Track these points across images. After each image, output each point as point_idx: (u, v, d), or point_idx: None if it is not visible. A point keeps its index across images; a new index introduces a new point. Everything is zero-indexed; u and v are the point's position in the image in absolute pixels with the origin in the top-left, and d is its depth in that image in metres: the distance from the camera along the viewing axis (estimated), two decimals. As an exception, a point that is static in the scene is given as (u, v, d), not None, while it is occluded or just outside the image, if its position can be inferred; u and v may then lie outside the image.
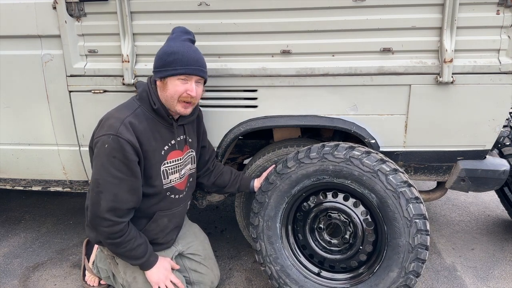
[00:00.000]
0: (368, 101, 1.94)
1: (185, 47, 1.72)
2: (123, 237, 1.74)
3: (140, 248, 1.80)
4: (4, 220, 3.09)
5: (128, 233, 1.75)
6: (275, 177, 1.94)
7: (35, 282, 2.36)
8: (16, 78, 2.13)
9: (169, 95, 1.74)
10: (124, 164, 1.68)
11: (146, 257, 1.82)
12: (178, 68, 1.69)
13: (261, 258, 2.00)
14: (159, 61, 1.73)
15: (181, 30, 1.80)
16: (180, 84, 1.72)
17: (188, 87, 1.73)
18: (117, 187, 1.69)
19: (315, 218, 2.02)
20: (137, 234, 1.80)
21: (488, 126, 1.92)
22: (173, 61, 1.69)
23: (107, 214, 1.69)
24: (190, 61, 1.70)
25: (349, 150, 1.84)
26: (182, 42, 1.74)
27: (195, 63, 1.72)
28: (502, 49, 1.80)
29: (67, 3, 1.95)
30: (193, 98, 1.75)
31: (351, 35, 1.86)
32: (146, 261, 1.83)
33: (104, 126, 1.71)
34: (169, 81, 1.72)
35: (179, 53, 1.70)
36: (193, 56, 1.72)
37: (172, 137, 1.85)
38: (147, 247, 1.84)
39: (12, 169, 2.37)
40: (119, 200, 1.70)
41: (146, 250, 1.83)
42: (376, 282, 1.85)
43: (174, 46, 1.72)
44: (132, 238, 1.77)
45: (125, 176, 1.69)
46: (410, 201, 1.77)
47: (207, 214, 3.13)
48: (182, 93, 1.73)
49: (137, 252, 1.80)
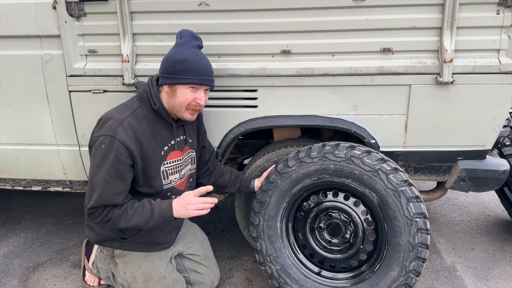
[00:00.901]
0: (368, 101, 1.94)
1: (197, 55, 1.72)
2: (114, 212, 1.71)
3: (141, 208, 1.73)
4: (4, 220, 3.09)
5: (118, 207, 1.72)
6: (276, 176, 1.94)
7: (35, 282, 2.36)
8: (16, 78, 2.13)
9: (178, 102, 1.74)
10: (114, 166, 1.67)
11: (156, 210, 1.73)
12: (190, 78, 1.70)
13: (261, 258, 2.00)
14: (169, 67, 1.72)
15: (190, 34, 1.78)
16: (190, 92, 1.73)
17: (197, 95, 1.74)
18: (103, 189, 1.68)
19: (316, 218, 2.02)
20: (131, 201, 1.75)
21: (488, 126, 1.92)
22: (185, 69, 1.69)
23: (92, 210, 1.72)
24: (201, 71, 1.71)
25: (350, 149, 1.84)
26: (192, 50, 1.73)
27: (206, 73, 1.73)
28: (502, 49, 1.81)
29: (67, 3, 1.95)
30: (202, 106, 1.78)
31: (351, 35, 1.86)
32: (160, 212, 1.74)
33: (103, 126, 1.71)
34: (178, 88, 1.73)
35: (191, 62, 1.70)
36: (205, 66, 1.73)
37: (172, 138, 1.85)
38: (150, 202, 1.76)
39: (12, 169, 2.37)
40: (103, 201, 1.69)
41: (149, 205, 1.74)
42: (376, 281, 1.86)
43: (185, 53, 1.71)
44: (125, 208, 1.72)
45: (112, 179, 1.68)
46: (410, 200, 1.77)
47: (207, 214, 3.12)
48: (191, 101, 1.74)
49: (144, 212, 1.72)
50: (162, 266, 1.93)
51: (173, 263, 2.02)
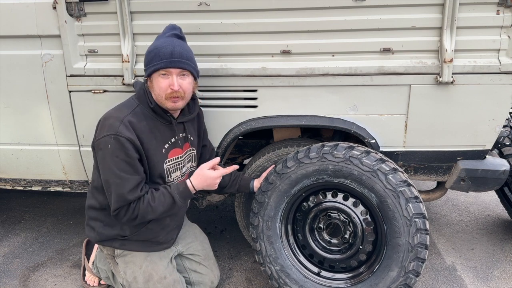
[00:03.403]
0: (368, 101, 1.94)
1: (166, 41, 1.70)
2: (139, 207, 1.73)
3: (163, 196, 1.77)
4: (4, 220, 3.09)
5: (142, 201, 1.73)
6: (275, 177, 1.94)
7: (35, 282, 2.36)
8: (16, 78, 2.13)
9: (157, 93, 1.73)
10: (126, 163, 1.69)
11: (176, 195, 1.78)
12: (157, 63, 1.67)
13: (261, 258, 2.00)
14: (144, 60, 1.75)
15: (169, 27, 1.79)
16: (162, 80, 1.69)
17: (170, 81, 1.69)
18: (121, 187, 1.69)
19: (315, 218, 2.02)
20: (149, 192, 1.77)
21: (488, 126, 1.92)
22: (153, 57, 1.69)
23: (116, 211, 1.74)
24: (168, 54, 1.66)
25: (349, 149, 1.84)
26: (165, 38, 1.73)
27: (173, 56, 1.67)
28: (502, 49, 1.80)
29: (67, 3, 1.95)
30: (178, 92, 1.70)
31: (351, 35, 1.86)
32: (180, 195, 1.79)
33: (105, 126, 1.71)
34: (153, 79, 1.72)
35: (158, 48, 1.68)
36: (172, 49, 1.67)
37: (172, 135, 1.85)
38: (167, 189, 1.79)
39: (12, 169, 2.37)
40: (124, 200, 1.70)
41: (168, 193, 1.78)
42: (376, 282, 1.86)
43: (156, 42, 1.72)
44: (147, 201, 1.74)
45: (128, 175, 1.70)
46: (409, 200, 1.77)
47: (207, 214, 3.13)
48: (166, 89, 1.70)
49: (166, 200, 1.77)
50: (163, 266, 1.94)
51: (173, 263, 2.03)
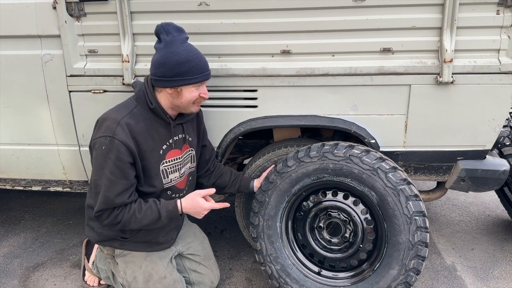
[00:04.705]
0: (368, 101, 1.94)
1: (193, 52, 1.71)
2: (123, 215, 1.73)
3: (150, 210, 1.76)
4: (4, 220, 3.09)
5: (127, 209, 1.74)
6: (275, 176, 1.94)
7: (35, 282, 2.36)
8: (16, 78, 2.13)
9: (185, 102, 1.76)
10: (117, 166, 1.68)
11: (163, 213, 1.77)
12: (196, 77, 1.71)
13: (261, 258, 2.00)
14: (170, 70, 1.68)
15: (174, 29, 1.72)
16: (195, 90, 1.75)
17: (201, 90, 1.78)
18: (109, 190, 1.69)
19: (315, 217, 2.02)
20: (137, 202, 1.77)
21: (488, 126, 1.92)
22: (188, 71, 1.69)
23: (99, 213, 1.74)
24: (203, 67, 1.73)
25: (349, 148, 1.84)
26: (185, 46, 1.70)
27: (206, 69, 1.75)
28: (502, 49, 1.81)
29: (67, 3, 1.95)
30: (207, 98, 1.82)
31: (351, 35, 1.86)
32: (167, 214, 1.79)
33: (102, 127, 1.72)
34: (184, 89, 1.73)
35: (191, 61, 1.69)
36: (204, 62, 1.74)
37: (170, 136, 1.86)
38: (156, 204, 1.78)
39: (12, 169, 2.37)
40: (109, 202, 1.70)
41: (156, 208, 1.77)
42: (376, 280, 1.86)
43: (183, 53, 1.68)
44: (133, 211, 1.74)
45: (117, 179, 1.69)
46: (409, 199, 1.77)
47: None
48: (197, 97, 1.77)
49: (152, 215, 1.76)
50: (163, 266, 1.94)
51: (173, 263, 2.03)
